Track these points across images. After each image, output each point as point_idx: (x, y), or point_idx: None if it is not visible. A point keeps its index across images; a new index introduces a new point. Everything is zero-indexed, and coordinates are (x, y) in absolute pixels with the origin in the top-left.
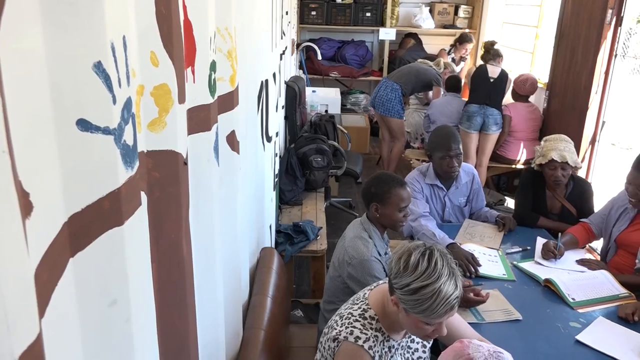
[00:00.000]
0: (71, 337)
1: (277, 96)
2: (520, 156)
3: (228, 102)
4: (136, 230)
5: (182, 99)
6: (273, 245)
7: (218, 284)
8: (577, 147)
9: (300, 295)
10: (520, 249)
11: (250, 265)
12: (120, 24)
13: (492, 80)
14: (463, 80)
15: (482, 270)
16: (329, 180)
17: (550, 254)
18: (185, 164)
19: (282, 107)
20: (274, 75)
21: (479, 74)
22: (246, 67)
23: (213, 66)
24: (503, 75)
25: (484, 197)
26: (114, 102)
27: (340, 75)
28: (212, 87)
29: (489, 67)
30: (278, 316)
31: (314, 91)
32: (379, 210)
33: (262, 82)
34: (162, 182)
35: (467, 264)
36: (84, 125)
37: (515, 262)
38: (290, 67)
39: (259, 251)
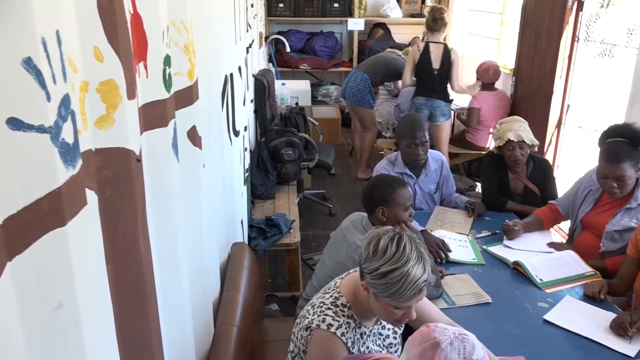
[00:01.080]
0: (13, 341)
1: (245, 90)
2: (490, 143)
3: (187, 96)
4: (83, 230)
5: (131, 94)
6: (246, 240)
7: (183, 281)
8: (544, 131)
9: (276, 289)
10: (490, 233)
11: (221, 261)
12: (52, 19)
13: (435, 72)
14: None
15: (453, 256)
16: (302, 173)
17: (510, 231)
18: (139, 161)
19: (251, 100)
20: (240, 68)
21: (423, 65)
22: (207, 61)
23: (167, 60)
24: (446, 62)
25: (454, 183)
26: (49, 99)
27: (310, 67)
28: (167, 82)
29: (433, 54)
30: (251, 311)
31: (283, 84)
32: (386, 213)
33: (226, 76)
34: (113, 180)
35: (438, 250)
36: (14, 124)
37: (484, 246)
38: (259, 61)
39: (230, 247)
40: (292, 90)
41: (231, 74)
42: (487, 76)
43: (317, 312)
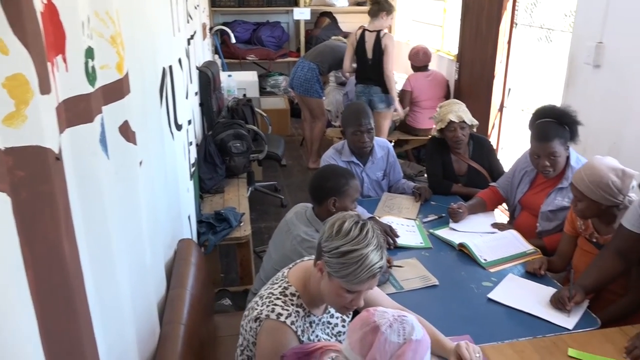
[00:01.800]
0: None
1: (187, 83)
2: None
3: (116, 90)
4: None
5: (45, 89)
6: (194, 236)
7: (120, 282)
8: (487, 114)
9: (229, 283)
10: (436, 217)
11: (167, 258)
12: None
13: (370, 62)
14: None
15: (401, 241)
16: (251, 165)
17: (455, 213)
18: (58, 159)
19: (195, 93)
20: (180, 61)
21: (359, 53)
22: (139, 53)
23: (90, 53)
24: (378, 50)
25: (401, 170)
26: None
27: (257, 58)
28: (90, 76)
29: (367, 42)
30: (199, 308)
31: (230, 76)
32: (336, 204)
33: (164, 68)
34: (29, 181)
35: (386, 236)
36: None
37: (431, 230)
38: (203, 52)
39: (176, 243)
40: (239, 82)
41: (170, 67)
42: (417, 59)
43: (265, 302)
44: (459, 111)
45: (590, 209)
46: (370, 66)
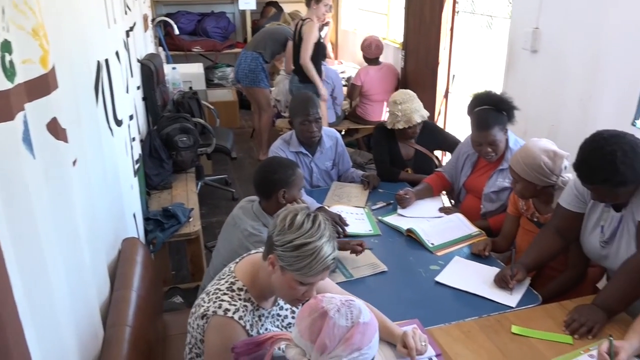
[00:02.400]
0: None
1: (127, 76)
2: (384, 116)
3: (41, 86)
4: None
5: None
6: (141, 234)
7: (55, 286)
8: (433, 101)
9: (180, 280)
10: (385, 204)
11: (110, 259)
12: None
13: (298, 49)
14: (329, 47)
15: (350, 230)
16: (200, 159)
17: (402, 199)
18: None
19: (138, 87)
20: (118, 53)
21: (294, 43)
22: (68, 46)
23: (7, 46)
24: (298, 40)
25: (349, 159)
26: None
27: (203, 49)
28: (8, 71)
29: (297, 31)
30: (146, 308)
31: (174, 68)
32: (286, 195)
33: (98, 62)
34: None
35: (335, 225)
36: None
37: (380, 217)
38: (145, 45)
39: (120, 243)
40: (184, 75)
41: (106, 60)
42: (370, 51)
43: (212, 298)
44: (421, 109)
45: (528, 189)
46: (294, 55)
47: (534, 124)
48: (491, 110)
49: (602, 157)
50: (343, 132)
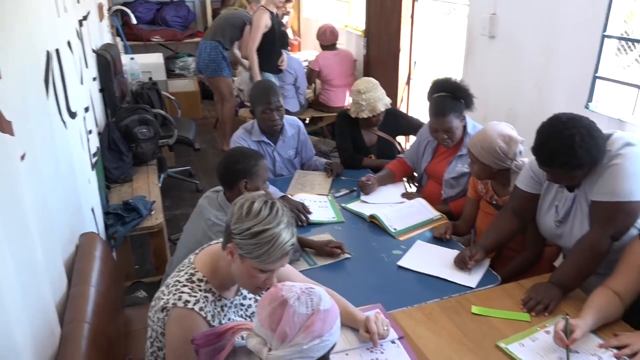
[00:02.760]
0: None
1: (81, 67)
2: (347, 101)
3: None
4: None
5: None
6: (101, 229)
7: (3, 283)
8: (395, 87)
9: (144, 274)
10: (348, 191)
11: (67, 254)
12: None
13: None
14: (296, 39)
15: (313, 217)
16: (162, 151)
17: (365, 186)
18: None
19: (94, 78)
20: (70, 43)
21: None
22: (12, 35)
23: None
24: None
25: (312, 147)
26: None
27: (163, 39)
28: None
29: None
30: (106, 304)
31: (132, 58)
32: (248, 186)
33: (48, 52)
34: None
35: (298, 214)
36: None
37: (343, 204)
38: (101, 35)
39: (78, 238)
40: (143, 65)
41: (57, 50)
42: (325, 38)
43: (172, 291)
44: (384, 97)
45: (483, 171)
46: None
47: (493, 108)
48: (448, 97)
49: (561, 141)
50: (307, 121)
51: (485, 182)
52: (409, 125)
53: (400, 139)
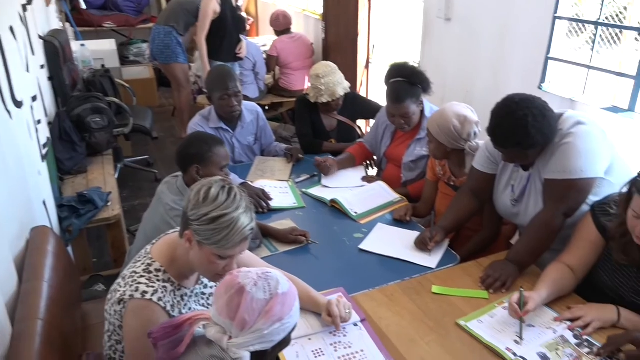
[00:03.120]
0: None
1: (26, 54)
2: (307, 85)
3: None
4: None
5: None
6: (54, 222)
7: None
8: (354, 71)
9: (103, 267)
10: (309, 176)
11: (17, 249)
12: None
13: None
14: (249, 20)
15: (274, 204)
16: (117, 141)
17: (322, 166)
18: None
19: (42, 66)
20: (12, 29)
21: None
22: None
23: None
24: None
25: (272, 133)
26: None
27: (115, 25)
28: None
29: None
30: (60, 299)
31: (83, 45)
32: (200, 172)
33: None
34: None
35: (259, 200)
36: None
37: (304, 190)
38: (48, 20)
39: (28, 232)
40: (95, 52)
41: None
42: (278, 23)
43: (128, 282)
44: (343, 81)
45: (439, 149)
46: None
47: (450, 90)
48: (405, 83)
49: (514, 121)
50: (267, 107)
51: (443, 163)
52: (369, 109)
53: (361, 123)
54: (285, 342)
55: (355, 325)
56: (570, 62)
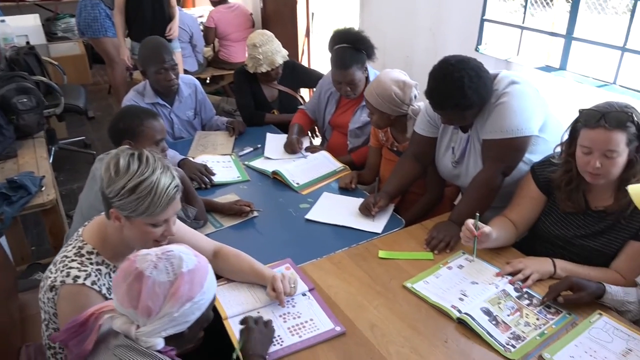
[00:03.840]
0: None
1: None
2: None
3: None
4: None
5: None
6: None
7: None
8: (295, 40)
9: (42, 255)
10: (252, 149)
11: None
12: None
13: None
14: None
15: (217, 179)
16: (49, 122)
17: (293, 148)
18: None
19: None
20: None
21: None
22: None
23: None
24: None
25: (212, 107)
26: None
27: None
28: None
29: None
30: None
31: (3, 21)
32: (133, 147)
33: None
34: None
35: (201, 176)
36: None
37: (247, 163)
38: None
39: None
40: (17, 28)
41: None
42: None
43: (59, 268)
44: (280, 50)
45: (382, 119)
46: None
47: (390, 55)
48: (349, 48)
49: (451, 83)
50: (208, 80)
51: (385, 130)
52: (310, 78)
53: (304, 92)
54: (204, 320)
55: (304, 295)
56: (504, 24)
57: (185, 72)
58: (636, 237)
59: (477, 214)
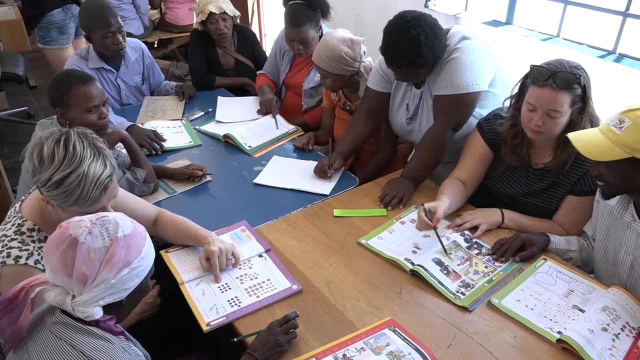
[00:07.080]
0: None
1: None
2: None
3: None
4: None
5: None
6: None
7: None
8: (245, 2)
9: None
10: (203, 113)
11: None
12: None
13: None
14: None
15: (168, 144)
16: None
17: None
18: None
19: None
20: None
21: None
22: None
23: None
24: None
25: (160, 71)
26: None
27: None
28: None
29: None
30: None
31: None
32: (66, 116)
33: None
34: None
35: (151, 142)
36: None
37: (198, 127)
38: None
39: None
40: None
41: None
42: None
43: None
44: (219, 1)
45: (336, 82)
46: None
47: (341, 14)
48: (303, 5)
49: (408, 40)
50: (156, 44)
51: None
52: (254, 51)
53: None
54: (143, 288)
55: (260, 256)
56: None
57: (131, 36)
58: (572, 191)
59: (423, 204)
